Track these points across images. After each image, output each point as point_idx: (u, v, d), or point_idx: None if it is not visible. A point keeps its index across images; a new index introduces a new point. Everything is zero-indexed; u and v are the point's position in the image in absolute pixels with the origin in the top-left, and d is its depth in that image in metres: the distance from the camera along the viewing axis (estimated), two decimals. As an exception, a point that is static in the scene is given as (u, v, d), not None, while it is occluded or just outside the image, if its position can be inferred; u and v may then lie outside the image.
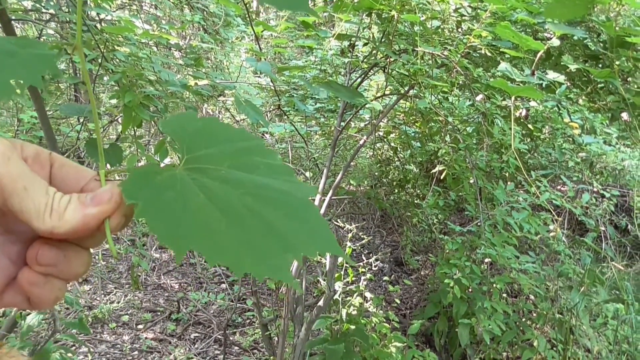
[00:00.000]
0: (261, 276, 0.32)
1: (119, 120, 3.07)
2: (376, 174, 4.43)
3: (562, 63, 2.32)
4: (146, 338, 3.66)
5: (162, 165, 0.37)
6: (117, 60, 2.29)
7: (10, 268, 0.37)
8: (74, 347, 3.30)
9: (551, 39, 2.29)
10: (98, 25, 2.49)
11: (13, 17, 2.05)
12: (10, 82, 0.33)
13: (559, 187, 3.83)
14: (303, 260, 2.79)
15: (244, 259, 0.32)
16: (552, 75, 2.36)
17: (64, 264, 0.36)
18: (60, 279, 0.36)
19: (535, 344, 2.93)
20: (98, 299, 4.06)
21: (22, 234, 0.37)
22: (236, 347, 3.62)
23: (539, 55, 2.20)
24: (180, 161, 0.38)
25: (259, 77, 5.43)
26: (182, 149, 0.38)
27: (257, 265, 0.32)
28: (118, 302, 4.04)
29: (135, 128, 2.20)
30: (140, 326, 3.81)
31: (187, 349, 3.61)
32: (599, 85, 2.42)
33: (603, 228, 3.26)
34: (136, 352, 3.49)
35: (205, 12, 4.52)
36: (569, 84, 2.47)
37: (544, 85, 2.40)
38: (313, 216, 0.37)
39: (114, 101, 2.34)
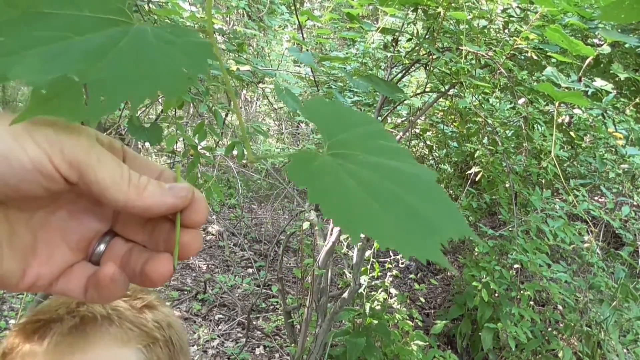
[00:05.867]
0: (423, 257, 0.32)
1: (160, 100, 3.13)
2: (409, 171, 4.39)
3: (611, 71, 2.25)
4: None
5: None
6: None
7: (68, 256, 0.38)
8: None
9: (600, 45, 2.22)
10: (146, 7, 2.53)
11: None
12: (183, 70, 0.32)
13: (596, 198, 3.73)
14: (329, 253, 2.81)
15: (406, 243, 0.33)
16: (599, 82, 2.30)
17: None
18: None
19: (560, 354, 2.88)
20: (128, 273, 4.17)
21: (83, 223, 0.39)
22: (259, 332, 3.67)
23: (587, 61, 2.14)
24: (324, 146, 0.39)
25: (298, 66, 5.44)
26: (323, 135, 0.40)
27: (417, 248, 0.33)
28: (147, 278, 4.14)
29: (175, 109, 2.25)
30: (167, 304, 3.90)
31: (211, 329, 3.68)
32: (649, 96, 2.34)
33: (640, 243, 3.17)
34: (161, 328, 3.57)
35: (250, -1, 4.55)
36: (616, 92, 2.40)
37: (589, 93, 2.34)
38: (444, 199, 0.38)
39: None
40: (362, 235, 0.31)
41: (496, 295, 2.99)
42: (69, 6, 0.33)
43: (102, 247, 0.39)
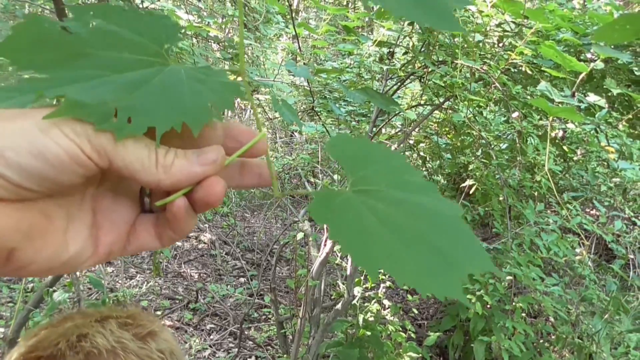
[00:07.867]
0: (441, 295, 0.33)
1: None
2: (403, 181, 4.40)
3: (604, 86, 2.28)
4: (163, 325, 3.71)
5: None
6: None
7: (126, 215, 0.40)
8: (93, 327, 3.37)
9: (594, 60, 2.25)
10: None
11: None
12: (208, 106, 0.35)
13: (587, 211, 3.76)
14: (323, 263, 2.80)
15: (424, 280, 0.33)
16: (592, 97, 2.33)
17: None
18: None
19: (551, 367, 2.89)
20: (120, 282, 4.14)
21: (126, 183, 0.40)
22: (250, 342, 3.65)
23: (581, 76, 2.17)
24: (348, 183, 0.40)
25: (293, 75, 5.46)
26: (347, 172, 0.40)
27: (436, 285, 0.33)
28: (140, 287, 4.11)
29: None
30: (158, 312, 3.88)
31: (203, 339, 3.65)
32: (641, 112, 2.37)
33: (632, 256, 3.19)
34: (153, 338, 3.54)
35: (246, 8, 4.57)
36: (609, 107, 2.42)
37: (582, 108, 2.36)
38: (467, 234, 0.38)
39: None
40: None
41: (488, 306, 3.00)
42: (110, 48, 0.35)
43: (146, 194, 0.41)
